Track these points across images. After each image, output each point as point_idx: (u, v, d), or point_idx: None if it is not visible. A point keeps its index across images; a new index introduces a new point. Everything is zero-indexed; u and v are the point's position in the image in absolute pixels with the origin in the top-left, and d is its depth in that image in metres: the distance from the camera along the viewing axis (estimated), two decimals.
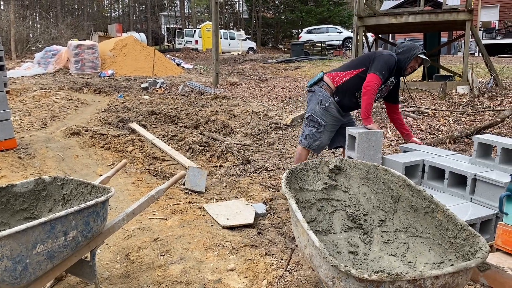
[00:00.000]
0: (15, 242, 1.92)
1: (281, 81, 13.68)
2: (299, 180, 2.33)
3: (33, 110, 7.94)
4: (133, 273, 2.74)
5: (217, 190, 4.38)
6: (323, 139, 3.73)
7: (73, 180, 2.61)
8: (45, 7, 38.77)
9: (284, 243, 3.17)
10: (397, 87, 3.81)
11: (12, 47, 22.85)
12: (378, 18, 10.40)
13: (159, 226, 3.38)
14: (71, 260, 2.27)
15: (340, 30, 28.01)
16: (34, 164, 4.91)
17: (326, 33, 27.64)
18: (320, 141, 3.72)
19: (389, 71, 3.52)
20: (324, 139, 3.74)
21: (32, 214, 2.59)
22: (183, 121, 7.28)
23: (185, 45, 31.10)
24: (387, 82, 3.61)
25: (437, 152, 3.49)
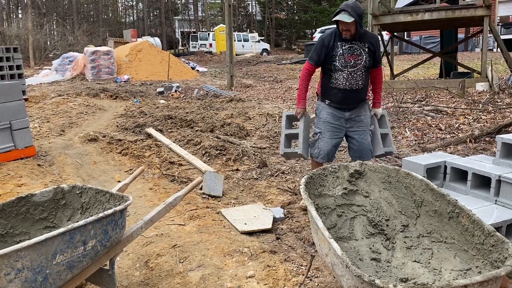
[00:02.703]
0: (35, 253, 1.92)
1: (296, 82, 13.60)
2: (318, 185, 2.29)
3: (51, 117, 8.05)
4: (152, 281, 2.73)
5: (234, 195, 4.36)
6: (322, 145, 3.64)
7: (91, 188, 2.62)
8: (62, 14, 39.45)
9: (303, 248, 3.13)
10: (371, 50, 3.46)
11: (30, 54, 23.29)
12: (393, 16, 10.25)
13: (177, 232, 3.37)
14: (91, 269, 2.27)
15: None
16: (53, 171, 4.96)
17: None
18: (319, 148, 3.64)
19: (318, 50, 3.54)
20: (323, 146, 3.63)
21: (51, 223, 2.61)
22: (199, 125, 7.29)
23: (199, 49, 31.24)
24: (342, 51, 3.42)
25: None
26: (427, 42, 23.04)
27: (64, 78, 15.84)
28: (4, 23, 31.79)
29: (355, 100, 3.58)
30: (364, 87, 3.57)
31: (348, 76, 3.46)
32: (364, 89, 3.59)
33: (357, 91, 3.52)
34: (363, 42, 3.44)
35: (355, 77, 3.47)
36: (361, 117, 3.60)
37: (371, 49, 3.45)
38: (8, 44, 22.20)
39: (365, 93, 3.64)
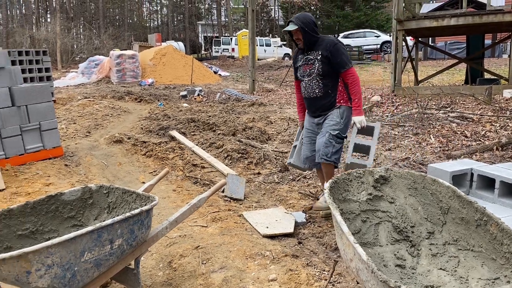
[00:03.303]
0: (65, 250, 1.97)
1: None
2: (343, 190, 2.28)
3: (77, 119, 8.25)
4: (175, 281, 2.76)
5: (255, 198, 4.38)
6: (302, 151, 3.85)
7: (118, 188, 2.67)
8: (89, 18, 40.40)
9: (325, 253, 3.12)
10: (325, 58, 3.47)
11: (58, 58, 23.90)
12: (418, 22, 10.14)
13: (200, 233, 3.40)
14: (117, 268, 2.31)
15: (378, 34, 27.52)
16: (79, 171, 5.08)
17: (364, 37, 27.22)
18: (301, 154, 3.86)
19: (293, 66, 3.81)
20: (303, 151, 3.84)
21: (79, 221, 2.67)
22: (221, 128, 7.34)
23: (222, 53, 31.47)
24: (301, 63, 3.64)
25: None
26: (453, 47, 22.64)
27: (90, 81, 16.20)
28: (33, 27, 32.75)
29: (319, 108, 3.64)
30: (323, 94, 3.56)
31: (306, 85, 3.62)
32: (324, 96, 3.57)
33: (316, 99, 3.61)
34: (318, 51, 3.52)
35: (311, 85, 3.59)
36: (326, 121, 3.60)
37: (324, 55, 3.46)
38: (37, 47, 22.87)
39: (329, 101, 3.57)
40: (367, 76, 16.22)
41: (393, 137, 6.49)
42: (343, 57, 3.45)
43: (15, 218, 2.42)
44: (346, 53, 3.53)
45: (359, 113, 3.48)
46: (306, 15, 3.53)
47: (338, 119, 3.52)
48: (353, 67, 3.51)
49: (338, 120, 3.52)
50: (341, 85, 3.55)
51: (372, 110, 8.80)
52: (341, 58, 3.44)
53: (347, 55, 3.53)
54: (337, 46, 3.45)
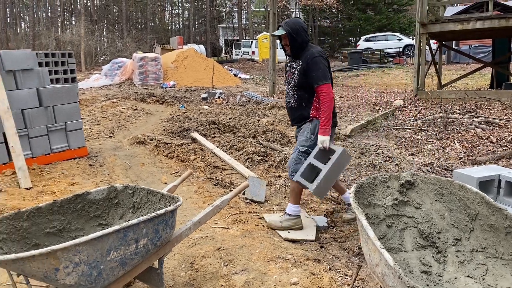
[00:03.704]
0: (92, 248, 2.00)
1: (338, 90, 13.50)
2: (368, 194, 2.26)
3: (101, 120, 8.40)
4: (197, 282, 2.77)
5: (276, 201, 4.37)
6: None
7: (143, 188, 2.71)
8: (112, 21, 41.14)
9: (347, 258, 3.09)
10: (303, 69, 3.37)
11: (82, 60, 24.40)
12: (443, 25, 9.97)
13: (222, 235, 3.42)
14: (141, 267, 2.34)
15: (400, 37, 27.19)
16: (103, 171, 5.17)
17: (386, 40, 26.92)
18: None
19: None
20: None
21: (104, 220, 2.71)
22: (241, 130, 7.37)
23: (242, 56, 31.60)
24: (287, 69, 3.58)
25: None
26: (477, 51, 22.18)
27: (113, 82, 16.47)
28: (58, 30, 33.53)
29: (294, 118, 3.58)
30: (297, 106, 3.47)
31: (286, 93, 3.58)
32: (297, 108, 3.47)
33: (291, 108, 3.55)
34: (300, 60, 3.40)
35: (288, 95, 3.54)
36: (299, 135, 3.53)
37: (303, 67, 3.34)
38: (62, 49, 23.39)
39: (302, 113, 3.46)
40: (389, 80, 16.04)
41: (416, 141, 6.39)
42: (319, 72, 3.27)
43: (43, 216, 2.47)
44: (324, 68, 3.30)
45: (323, 132, 3.29)
46: (297, 21, 3.41)
47: (308, 135, 3.43)
48: (327, 84, 3.27)
49: (308, 136, 3.43)
50: (317, 99, 3.39)
51: (394, 114, 8.69)
52: (316, 72, 3.27)
53: (324, 71, 3.29)
54: (315, 59, 3.29)
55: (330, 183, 3.32)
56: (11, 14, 36.24)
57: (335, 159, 3.22)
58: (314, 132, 3.41)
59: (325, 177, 3.18)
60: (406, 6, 36.40)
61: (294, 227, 3.52)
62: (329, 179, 3.24)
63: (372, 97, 11.31)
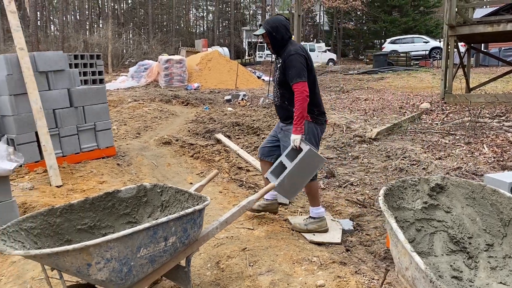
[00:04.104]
0: (123, 245, 2.04)
1: (363, 92, 13.36)
2: (397, 197, 2.23)
3: (128, 120, 8.56)
4: (223, 281, 2.79)
5: (301, 203, 4.36)
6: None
7: (171, 187, 2.75)
8: (138, 24, 41.88)
9: (374, 262, 3.06)
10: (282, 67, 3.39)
11: (109, 61, 24.92)
12: (472, 27, 9.75)
13: (247, 236, 3.43)
14: (169, 265, 2.37)
15: (427, 39, 26.72)
16: (130, 171, 5.27)
17: (412, 43, 26.52)
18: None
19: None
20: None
21: (133, 218, 2.76)
22: (265, 132, 7.38)
23: (266, 58, 31.65)
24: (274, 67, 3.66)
25: None
26: (508, 54, 21.58)
27: (139, 84, 16.75)
28: (87, 32, 34.35)
29: (280, 116, 3.62)
30: (280, 104, 3.52)
31: (273, 91, 3.66)
32: (281, 106, 3.52)
33: (277, 106, 3.61)
34: (281, 58, 3.42)
35: (274, 92, 3.60)
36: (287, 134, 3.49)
37: (282, 65, 3.38)
38: (90, 51, 23.95)
39: (285, 111, 3.48)
40: (415, 83, 15.77)
41: (443, 145, 6.27)
42: (293, 70, 3.27)
43: (75, 213, 2.54)
44: (299, 66, 3.28)
45: (295, 131, 3.29)
46: (277, 19, 3.42)
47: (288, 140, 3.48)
48: (302, 82, 3.24)
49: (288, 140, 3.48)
50: None
51: (421, 117, 8.55)
52: (291, 70, 3.28)
53: (299, 69, 3.27)
54: (291, 57, 3.30)
55: (298, 183, 3.24)
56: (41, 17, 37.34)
57: (300, 158, 3.16)
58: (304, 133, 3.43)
59: (289, 174, 3.12)
60: (433, 8, 35.78)
61: (319, 229, 3.51)
62: (295, 178, 3.17)
63: (398, 100, 11.15)
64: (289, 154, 3.34)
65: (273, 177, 3.30)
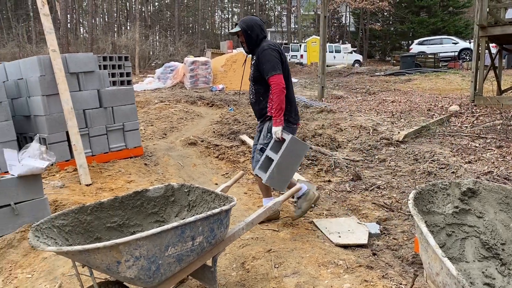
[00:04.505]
0: (151, 243, 2.08)
1: (390, 94, 13.15)
2: (427, 201, 2.19)
3: (155, 121, 8.69)
4: (248, 282, 2.80)
5: (326, 206, 4.33)
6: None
7: (198, 188, 2.77)
8: (165, 26, 42.48)
9: (401, 267, 3.01)
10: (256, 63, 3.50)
11: (136, 63, 25.36)
12: (504, 28, 9.46)
13: (272, 237, 3.43)
14: (195, 264, 2.39)
15: (456, 41, 26.08)
16: (157, 170, 5.34)
17: (440, 44, 25.93)
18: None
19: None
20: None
21: (161, 217, 2.81)
22: None
23: (290, 60, 31.59)
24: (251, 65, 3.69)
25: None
26: None
27: (165, 85, 16.97)
28: (115, 34, 35.07)
29: (255, 113, 3.70)
30: (256, 100, 3.59)
31: (249, 89, 3.70)
32: (256, 102, 3.60)
33: (251, 103, 3.69)
34: (255, 56, 3.52)
35: (250, 90, 3.67)
36: (262, 132, 3.64)
37: (256, 62, 3.49)
38: (118, 53, 24.43)
39: (261, 107, 3.58)
40: (443, 85, 15.42)
41: (473, 149, 6.11)
42: (267, 64, 3.37)
43: (105, 211, 2.59)
44: (273, 59, 3.38)
45: (275, 123, 3.41)
46: (252, 19, 3.55)
47: (265, 133, 3.59)
48: (277, 74, 3.36)
49: (265, 135, 3.59)
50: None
51: (450, 120, 8.35)
52: (266, 64, 3.38)
53: (273, 62, 3.38)
54: (264, 52, 3.41)
55: (287, 173, 3.33)
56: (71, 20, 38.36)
57: (285, 147, 3.28)
58: (270, 131, 3.52)
59: (276, 165, 3.23)
60: (462, 8, 34.93)
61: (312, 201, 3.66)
62: (283, 168, 3.27)
63: (425, 102, 10.93)
64: (273, 147, 3.46)
65: (262, 173, 3.39)
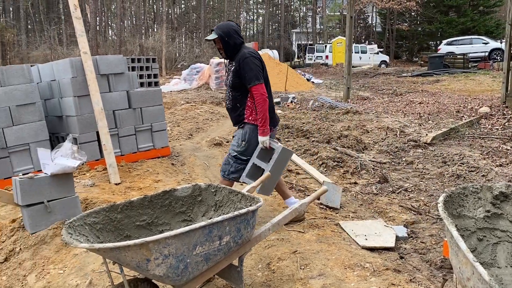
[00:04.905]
0: (180, 242, 2.11)
1: (417, 95, 12.92)
2: (457, 205, 2.15)
3: (181, 122, 8.80)
4: (274, 283, 2.81)
5: (352, 208, 4.29)
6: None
7: (225, 188, 2.80)
8: (191, 28, 42.96)
9: (429, 271, 2.96)
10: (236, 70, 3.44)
11: (162, 65, 25.75)
12: None
13: (297, 238, 3.43)
14: (222, 264, 2.42)
15: (487, 41, 25.38)
16: (184, 170, 5.42)
17: (470, 44, 25.29)
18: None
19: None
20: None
21: (188, 216, 2.85)
22: (314, 135, 7.34)
23: (315, 61, 31.43)
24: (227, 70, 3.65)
25: None
26: None
27: (191, 87, 17.17)
28: (142, 37, 35.70)
29: (232, 119, 3.66)
30: (232, 107, 3.56)
31: (225, 95, 3.67)
32: (233, 109, 3.56)
33: (228, 109, 3.64)
34: (234, 62, 3.48)
35: (226, 95, 3.63)
36: (233, 139, 3.62)
37: (236, 68, 3.43)
38: (145, 55, 24.87)
39: (237, 114, 3.56)
40: (473, 86, 15.04)
41: (504, 152, 5.95)
42: (250, 73, 3.35)
43: (135, 209, 2.65)
44: (255, 68, 3.37)
45: (262, 133, 3.43)
46: (229, 24, 3.50)
47: (239, 141, 3.55)
48: (260, 84, 3.36)
49: (239, 142, 3.56)
50: (251, 100, 3.48)
51: (479, 122, 8.15)
52: (248, 73, 3.36)
53: (255, 71, 3.36)
54: (246, 60, 3.37)
55: (275, 179, 3.47)
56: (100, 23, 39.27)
57: (276, 158, 3.40)
58: (245, 139, 3.53)
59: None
60: (493, 7, 33.95)
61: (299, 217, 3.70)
62: (273, 176, 3.38)
63: (454, 103, 10.69)
64: (260, 155, 3.50)
65: (250, 180, 3.44)
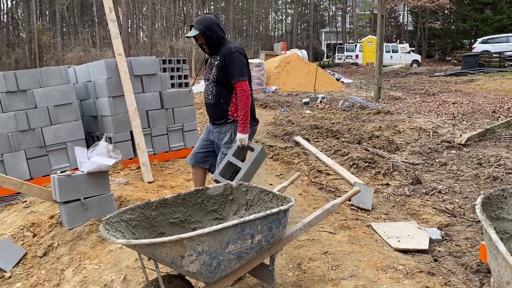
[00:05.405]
0: (213, 239, 2.14)
1: (451, 95, 12.59)
2: (496, 207, 2.09)
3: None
4: (305, 283, 2.81)
5: (384, 210, 4.24)
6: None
7: (255, 187, 2.82)
8: None
9: (465, 274, 2.89)
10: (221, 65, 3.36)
11: (192, 66, 26.08)
12: None
13: (328, 239, 3.41)
14: (254, 262, 2.44)
15: None
16: None
17: (506, 42, 24.42)
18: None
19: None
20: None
21: (220, 215, 2.89)
22: (345, 136, 7.27)
23: (345, 60, 31.09)
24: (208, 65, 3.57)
25: None
26: None
27: None
28: (173, 38, 36.27)
29: (212, 115, 3.55)
30: (215, 102, 3.46)
31: (204, 90, 3.55)
32: (216, 104, 3.46)
33: (209, 105, 3.53)
34: (218, 56, 3.39)
35: (207, 91, 3.52)
36: (221, 135, 3.51)
37: (221, 62, 3.34)
38: (175, 56, 25.25)
39: (220, 110, 3.45)
40: (510, 85, 14.53)
41: None
42: (235, 68, 3.28)
43: (169, 207, 2.71)
44: (242, 63, 3.31)
45: (242, 130, 3.34)
46: (208, 18, 3.40)
47: (233, 136, 3.46)
48: (244, 80, 3.30)
49: (233, 138, 3.47)
50: (235, 97, 3.40)
51: None
52: (233, 68, 3.29)
53: (241, 67, 3.30)
54: (232, 55, 3.29)
55: (250, 179, 3.43)
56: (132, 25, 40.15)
57: (255, 157, 3.36)
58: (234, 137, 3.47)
59: (245, 174, 3.31)
60: None
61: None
62: (249, 176, 3.38)
63: (490, 103, 10.36)
64: (235, 153, 3.44)
65: (223, 178, 3.40)
